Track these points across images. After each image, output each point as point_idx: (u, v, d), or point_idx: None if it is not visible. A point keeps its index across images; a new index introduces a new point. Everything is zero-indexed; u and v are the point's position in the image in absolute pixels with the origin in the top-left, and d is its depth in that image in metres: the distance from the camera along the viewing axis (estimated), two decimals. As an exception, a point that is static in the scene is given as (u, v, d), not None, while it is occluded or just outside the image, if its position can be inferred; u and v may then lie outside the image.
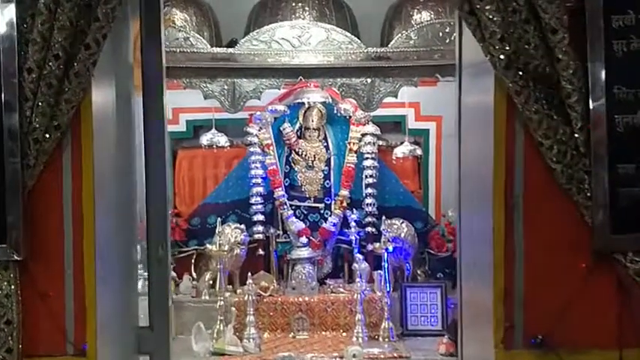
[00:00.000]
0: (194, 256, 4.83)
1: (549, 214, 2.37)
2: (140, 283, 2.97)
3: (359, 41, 4.25)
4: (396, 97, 4.38)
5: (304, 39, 4.22)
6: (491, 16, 2.25)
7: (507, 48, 2.25)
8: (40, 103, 2.28)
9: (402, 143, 4.97)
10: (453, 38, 4.13)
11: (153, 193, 2.83)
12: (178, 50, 4.21)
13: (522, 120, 2.33)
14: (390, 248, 4.53)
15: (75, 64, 2.29)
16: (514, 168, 2.38)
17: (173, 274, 4.72)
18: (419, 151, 4.73)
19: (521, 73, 2.28)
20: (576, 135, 2.28)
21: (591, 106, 2.27)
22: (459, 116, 2.84)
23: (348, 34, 4.25)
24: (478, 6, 2.26)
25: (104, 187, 2.48)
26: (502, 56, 2.26)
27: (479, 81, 2.59)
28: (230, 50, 4.27)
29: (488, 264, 2.42)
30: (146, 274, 4.34)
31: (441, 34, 4.20)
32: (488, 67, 2.36)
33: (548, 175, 2.33)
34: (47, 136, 2.31)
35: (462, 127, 2.82)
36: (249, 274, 4.43)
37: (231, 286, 4.66)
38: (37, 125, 2.29)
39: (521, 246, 2.38)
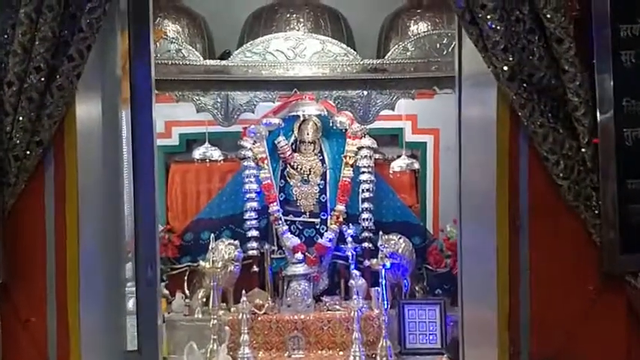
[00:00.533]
0: (187, 273, 4.69)
1: (556, 232, 2.26)
2: (131, 302, 2.84)
3: (355, 53, 4.14)
4: (393, 109, 4.27)
5: (299, 51, 4.12)
6: (493, 26, 2.15)
7: (511, 59, 2.15)
8: (20, 118, 2.16)
9: (398, 157, 4.86)
10: (450, 50, 4.06)
11: (141, 210, 2.72)
12: (170, 62, 4.10)
13: (527, 134, 2.22)
14: (388, 264, 4.41)
15: (57, 76, 2.18)
16: (518, 184, 2.27)
17: (165, 291, 4.61)
18: (416, 165, 4.61)
19: (525, 84, 2.17)
20: (583, 149, 2.18)
21: (599, 120, 2.17)
22: (458, 130, 2.74)
23: (344, 46, 4.15)
24: (480, 15, 2.15)
25: (89, 206, 2.36)
26: (505, 67, 2.16)
27: (480, 93, 2.48)
28: (223, 62, 4.17)
29: (491, 283, 2.31)
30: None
31: (438, 45, 4.10)
32: (491, 78, 2.26)
33: (554, 191, 2.22)
34: (28, 152, 2.19)
35: (462, 140, 2.71)
36: (244, 291, 4.31)
37: (224, 304, 4.53)
38: (18, 141, 2.18)
39: (526, 267, 2.27)
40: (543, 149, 2.17)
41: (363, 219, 4.72)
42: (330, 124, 4.72)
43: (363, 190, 4.72)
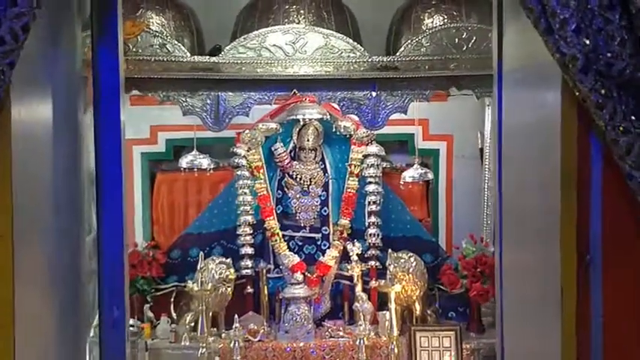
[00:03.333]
0: (173, 295, 4.13)
1: (637, 270, 1.69)
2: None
3: (362, 49, 3.56)
4: (405, 113, 3.69)
5: (299, 46, 3.54)
6: (562, -1, 1.58)
7: (587, 42, 1.57)
8: None
9: (407, 165, 4.32)
10: (471, 45, 3.52)
11: (107, 235, 2.17)
12: (153, 59, 3.52)
13: (603, 142, 1.64)
14: (398, 288, 3.86)
15: (-20, 65, 1.60)
16: (589, 208, 1.69)
17: (150, 314, 4.10)
18: (430, 175, 4.04)
19: (602, 78, 1.60)
20: (679, 165, 1.60)
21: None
22: (498, 137, 2.16)
23: (350, 41, 3.57)
24: (544, -16, 1.58)
25: (31, 236, 1.77)
26: (578, 55, 1.58)
27: (531, 92, 1.91)
28: (213, 59, 3.58)
29: (553, 332, 1.74)
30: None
31: (457, 40, 3.53)
32: (548, 73, 1.70)
33: (637, 218, 1.65)
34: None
35: (503, 150, 2.13)
36: (236, 315, 3.81)
37: (215, 330, 3.99)
38: None
39: (599, 312, 1.70)
40: (627, 163, 1.60)
41: (370, 234, 4.17)
42: (333, 129, 4.16)
43: (369, 203, 4.17)
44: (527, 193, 1.93)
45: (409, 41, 3.57)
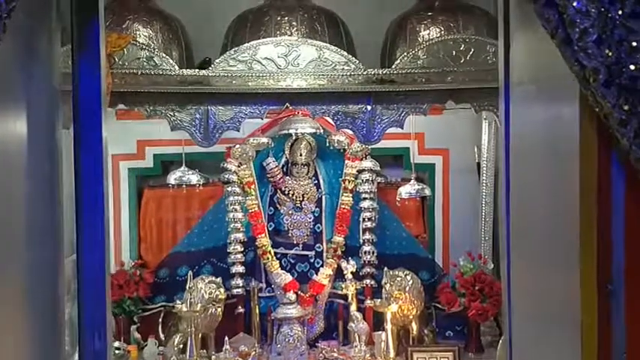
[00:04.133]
0: (161, 315, 3.96)
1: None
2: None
3: (357, 61, 3.41)
4: (401, 127, 3.53)
5: (292, 58, 3.38)
6: (581, 6, 1.43)
7: (609, 54, 1.43)
8: None
9: (403, 180, 4.17)
10: (469, 57, 3.37)
11: (87, 260, 2.01)
12: (140, 72, 3.34)
13: (626, 162, 1.50)
14: (395, 307, 3.70)
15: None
16: (611, 234, 1.54)
17: (137, 335, 3.92)
18: (427, 191, 3.87)
19: (626, 92, 1.45)
20: None
21: None
22: (505, 155, 2.01)
23: (344, 53, 3.41)
24: (563, -9, 1.44)
25: (2, 264, 1.60)
26: (600, 68, 1.43)
27: (543, 107, 1.76)
28: (203, 72, 3.41)
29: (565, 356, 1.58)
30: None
31: (454, 52, 3.38)
32: (563, 86, 1.55)
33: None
34: None
35: (511, 168, 1.98)
36: (227, 337, 3.66)
37: (204, 352, 3.80)
38: None
39: (622, 348, 1.54)
40: (654, 186, 1.45)
41: (365, 252, 4.01)
42: (327, 144, 4.01)
43: (364, 219, 4.01)
44: (539, 216, 1.78)
45: (405, 53, 3.42)
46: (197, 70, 3.45)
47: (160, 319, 3.93)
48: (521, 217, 1.90)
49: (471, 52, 3.37)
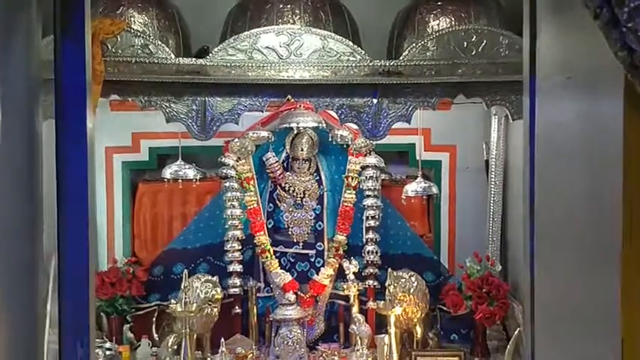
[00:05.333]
0: (155, 314, 3.78)
1: None
2: None
3: (362, 52, 3.21)
4: (408, 122, 3.34)
5: (294, 48, 3.18)
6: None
7: (664, 39, 1.23)
8: None
9: (408, 177, 4.00)
10: (480, 49, 3.18)
11: (70, 262, 1.83)
12: (134, 60, 3.14)
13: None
14: (399, 310, 3.52)
15: None
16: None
17: (130, 334, 3.75)
18: (435, 189, 3.68)
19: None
20: None
21: None
22: (530, 153, 1.81)
23: (350, 43, 3.21)
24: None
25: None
26: (653, 53, 1.23)
27: (577, 101, 1.57)
28: (200, 61, 3.21)
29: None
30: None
31: (465, 43, 3.18)
32: (601, 76, 1.36)
33: None
34: None
35: (536, 168, 1.79)
36: (223, 338, 3.46)
37: (200, 353, 3.62)
38: None
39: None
40: None
41: (368, 251, 3.82)
42: (329, 139, 3.81)
43: (367, 217, 3.82)
44: (572, 222, 1.58)
45: (413, 44, 3.22)
46: (194, 59, 3.25)
47: (154, 319, 3.76)
48: (548, 222, 1.71)
49: (483, 44, 3.18)
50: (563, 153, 1.63)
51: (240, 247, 3.82)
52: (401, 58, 3.23)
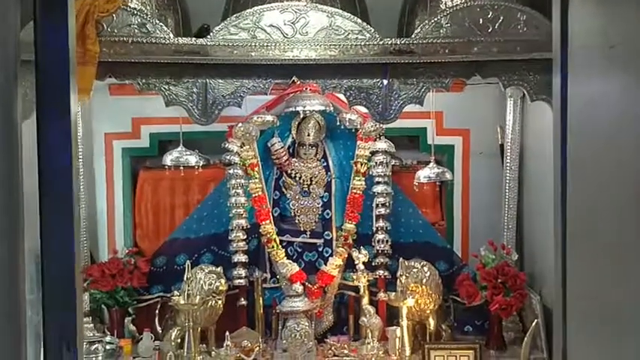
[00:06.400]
0: (158, 307, 3.65)
1: None
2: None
3: (372, 30, 3.03)
4: (421, 104, 3.16)
5: (299, 26, 3.01)
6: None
7: None
8: None
9: (419, 163, 3.83)
10: (497, 27, 3.00)
11: (54, 259, 1.69)
12: (131, 40, 2.99)
13: None
14: (411, 302, 3.36)
15: None
16: None
17: (132, 328, 3.63)
18: (448, 175, 3.51)
19: None
20: None
21: None
22: (562, 137, 1.62)
23: (358, 21, 3.03)
24: None
25: None
26: None
27: (618, 79, 1.38)
28: (200, 41, 3.05)
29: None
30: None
31: (481, 20, 3.00)
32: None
33: None
34: None
35: (569, 153, 1.60)
36: (228, 331, 3.34)
37: (204, 347, 3.48)
38: None
39: None
40: None
41: (378, 240, 3.67)
42: (337, 123, 3.64)
43: (377, 205, 3.66)
44: (613, 214, 1.40)
45: (426, 21, 3.05)
46: (194, 38, 3.10)
47: (157, 311, 3.63)
48: (584, 213, 1.53)
49: (499, 21, 3.01)
50: (599, 138, 1.44)
51: (245, 237, 3.68)
52: (412, 36, 3.06)
